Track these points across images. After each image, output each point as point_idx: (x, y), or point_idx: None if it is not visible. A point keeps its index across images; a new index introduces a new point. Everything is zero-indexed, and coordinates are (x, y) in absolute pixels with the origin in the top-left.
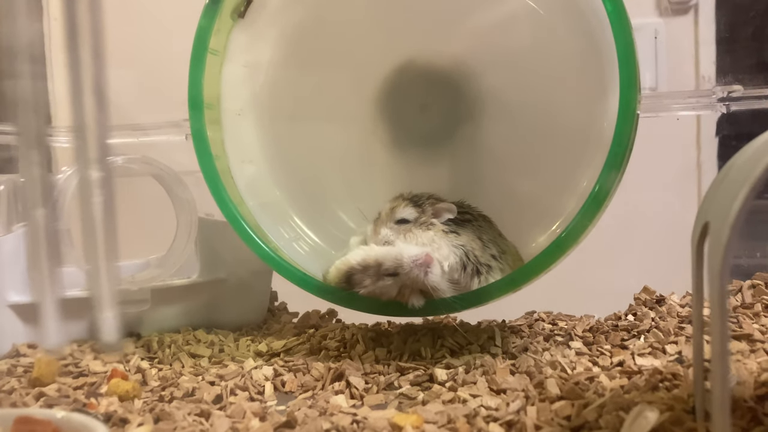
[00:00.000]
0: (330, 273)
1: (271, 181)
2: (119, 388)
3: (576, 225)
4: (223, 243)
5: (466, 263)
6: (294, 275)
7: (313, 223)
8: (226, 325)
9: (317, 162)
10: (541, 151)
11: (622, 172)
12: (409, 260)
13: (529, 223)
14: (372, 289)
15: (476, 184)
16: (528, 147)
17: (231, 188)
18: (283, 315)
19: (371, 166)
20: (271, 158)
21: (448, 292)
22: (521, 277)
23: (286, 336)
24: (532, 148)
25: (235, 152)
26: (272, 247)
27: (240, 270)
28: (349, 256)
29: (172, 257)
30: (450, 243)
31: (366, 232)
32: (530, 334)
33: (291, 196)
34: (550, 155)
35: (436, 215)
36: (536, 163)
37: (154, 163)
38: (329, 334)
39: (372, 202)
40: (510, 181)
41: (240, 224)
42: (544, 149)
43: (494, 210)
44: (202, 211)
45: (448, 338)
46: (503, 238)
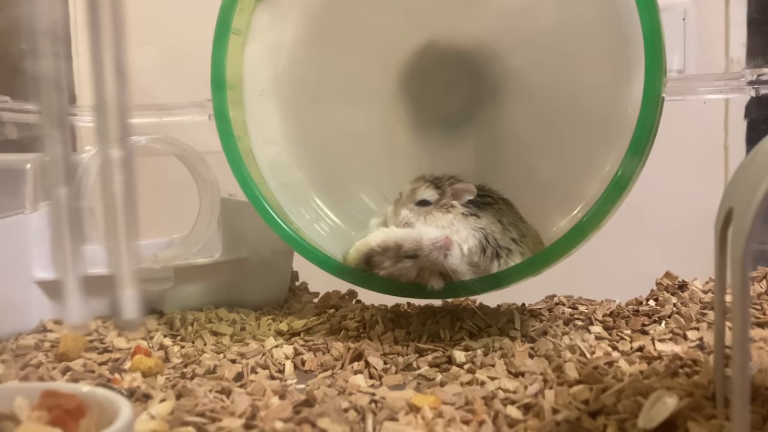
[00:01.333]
0: (350, 254)
1: (293, 161)
2: (142, 365)
3: (598, 209)
4: (244, 223)
5: (486, 246)
6: (314, 256)
7: (333, 204)
8: (248, 304)
9: (338, 143)
10: (563, 134)
11: (645, 156)
12: (428, 243)
13: (550, 206)
14: (391, 270)
15: (497, 166)
16: (550, 129)
17: (253, 168)
18: (303, 295)
19: (392, 147)
20: (292, 139)
21: (468, 274)
22: (541, 261)
23: (306, 316)
24: (555, 131)
25: (257, 133)
26: (293, 227)
27: (261, 250)
28: (369, 237)
29: (194, 236)
30: (470, 226)
31: (386, 213)
32: (550, 317)
33: (312, 176)
34: (572, 138)
35: (457, 197)
36: (558, 146)
37: (178, 143)
38: (349, 314)
39: (393, 184)
40: (532, 164)
41: (261, 204)
42: (566, 132)
43: (515, 193)
44: (225, 191)
45: (467, 321)
46: (524, 221)
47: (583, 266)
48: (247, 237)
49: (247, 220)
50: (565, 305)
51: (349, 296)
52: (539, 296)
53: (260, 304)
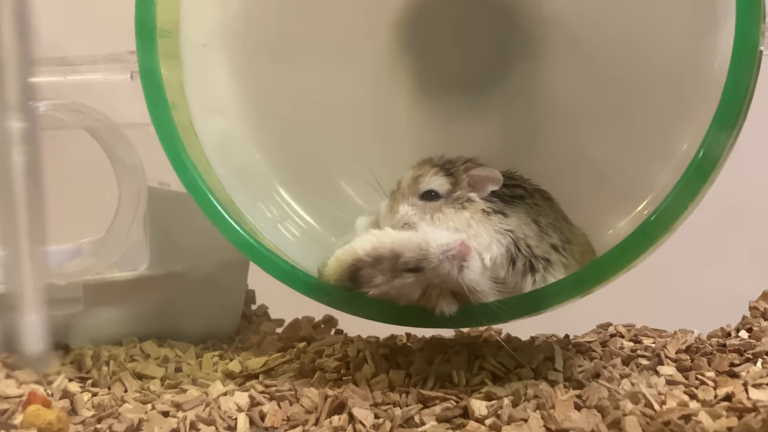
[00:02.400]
0: (329, 267)
1: (249, 138)
2: (39, 419)
3: (671, 205)
4: (181, 223)
5: (516, 256)
6: (278, 268)
7: (306, 198)
8: (186, 336)
9: (313, 114)
10: (623, 103)
11: (737, 131)
12: (437, 250)
13: (604, 201)
14: (386, 289)
15: (532, 146)
16: (606, 96)
17: (194, 148)
18: (263, 323)
19: (387, 119)
20: (249, 108)
21: (491, 294)
22: (593, 276)
23: (266, 351)
24: (612, 98)
25: (199, 99)
26: (249, 229)
27: (204, 261)
28: (356, 243)
29: (111, 242)
30: (494, 227)
31: (379, 210)
32: (603, 354)
33: (276, 159)
34: (635, 108)
35: (476, 188)
36: (617, 119)
37: (88, 112)
38: (326, 349)
39: (388, 170)
40: (579, 144)
41: (205, 198)
42: (627, 99)
43: (557, 183)
44: (154, 180)
45: (489, 359)
46: (568, 222)
47: (650, 284)
48: (185, 243)
49: (184, 220)
50: (625, 337)
51: (327, 325)
52: (589, 325)
53: (203, 335)
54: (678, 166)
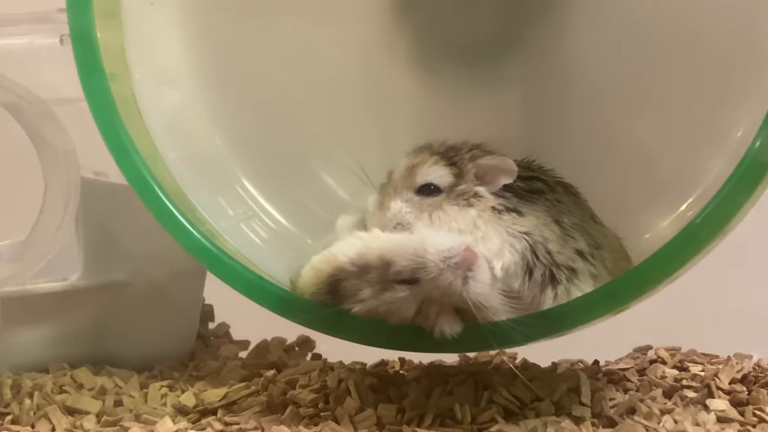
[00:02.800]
0: (303, 277)
1: (208, 118)
2: None
3: (723, 203)
4: (122, 223)
5: (533, 264)
6: (242, 279)
7: (276, 192)
8: (128, 361)
9: (287, 88)
10: (665, 76)
11: None
12: (437, 257)
13: (642, 197)
14: (374, 304)
15: (553, 130)
16: (644, 68)
17: (137, 129)
18: (222, 345)
19: (379, 96)
20: (208, 79)
21: (502, 311)
22: (628, 289)
23: (227, 381)
24: (651, 71)
25: (145, 68)
26: (206, 231)
27: (151, 269)
28: (337, 248)
29: (36, 245)
30: (506, 229)
31: (366, 207)
32: (641, 385)
33: (240, 144)
34: (680, 83)
35: (484, 181)
36: (657, 96)
37: (7, 86)
38: (301, 378)
39: (378, 157)
40: (612, 127)
41: (151, 191)
42: (670, 72)
43: (584, 174)
44: (89, 168)
45: (500, 390)
46: (597, 222)
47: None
48: (126, 246)
49: (125, 218)
50: (668, 364)
51: (302, 348)
52: (623, 349)
53: (148, 360)
54: (731, 156)
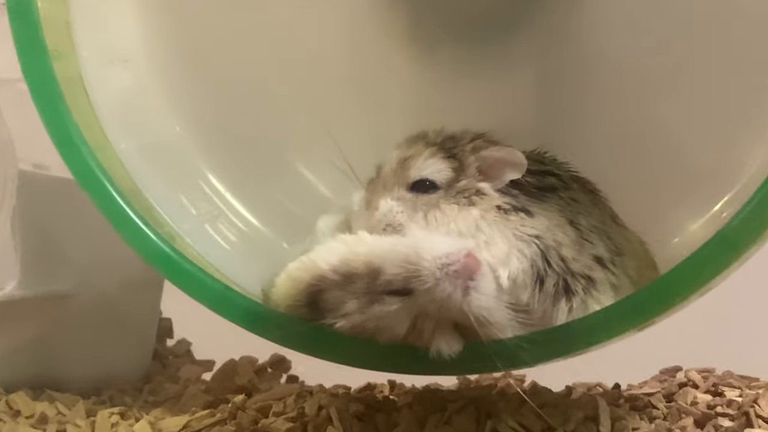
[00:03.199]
0: (278, 287)
1: (167, 102)
2: None
3: (765, 201)
4: (66, 223)
5: (545, 272)
6: (206, 289)
7: (246, 188)
8: (73, 384)
9: (259, 66)
10: (697, 51)
11: None
12: (433, 264)
13: (670, 194)
14: (360, 319)
15: (569, 115)
16: (671, 41)
17: (85, 115)
18: (183, 366)
19: (368, 76)
20: (167, 58)
21: (509, 327)
22: (654, 302)
23: (188, 407)
24: (680, 45)
25: (95, 44)
26: (165, 233)
27: (99, 278)
28: (317, 254)
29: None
30: (514, 232)
31: (351, 206)
32: (669, 412)
33: (205, 133)
34: (714, 58)
35: (489, 176)
36: (687, 75)
37: None
38: (274, 405)
39: (365, 148)
40: (635, 111)
41: (100, 187)
42: (703, 46)
43: (603, 168)
44: (27, 160)
45: (506, 418)
46: (619, 223)
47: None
48: (71, 252)
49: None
50: (700, 388)
51: (276, 369)
52: (649, 370)
53: (97, 383)
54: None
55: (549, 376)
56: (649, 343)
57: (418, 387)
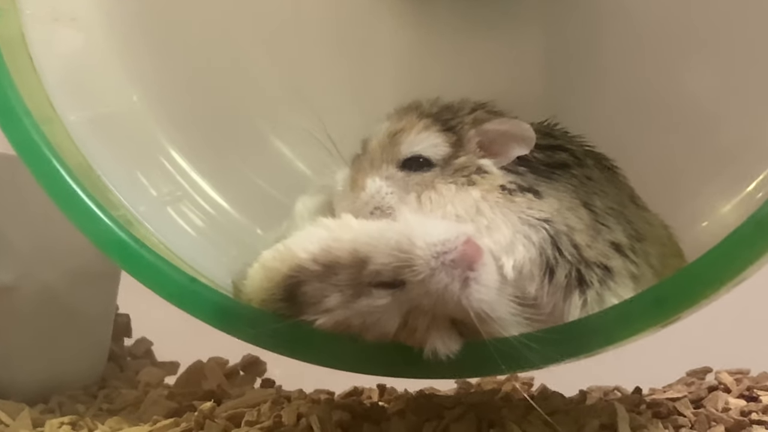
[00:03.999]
0: (251, 278)
1: (122, 67)
2: None
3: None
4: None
5: (555, 261)
6: (168, 281)
7: (213, 165)
8: (16, 390)
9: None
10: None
11: None
12: (427, 252)
13: (697, 172)
14: (344, 315)
15: (582, 82)
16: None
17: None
18: (144, 368)
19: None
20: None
21: (514, 324)
22: (679, 294)
23: (149, 416)
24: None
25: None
26: (120, 216)
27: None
28: (296, 241)
29: None
30: (519, 215)
31: (333, 186)
32: (697, 420)
33: (165, 103)
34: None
35: (491, 152)
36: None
37: None
38: (247, 413)
39: (349, 119)
40: (656, 78)
41: (46, 163)
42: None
43: (621, 142)
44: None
45: (511, 427)
46: (639, 205)
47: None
48: (13, 238)
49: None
50: (732, 392)
51: (248, 371)
52: (674, 372)
53: (44, 389)
54: None
55: (560, 380)
56: (674, 341)
57: (410, 392)
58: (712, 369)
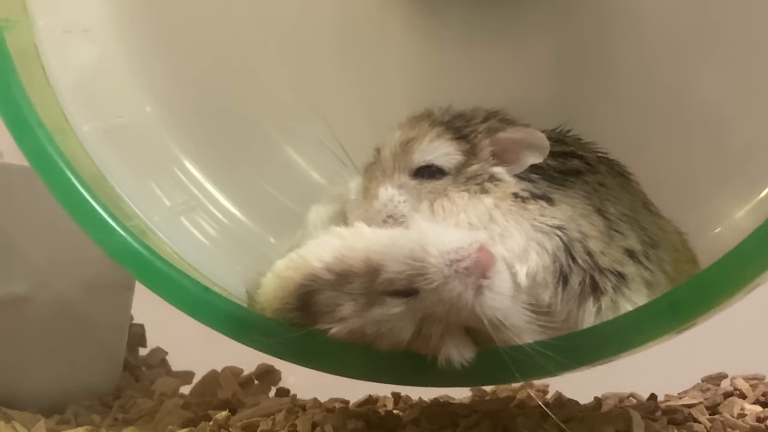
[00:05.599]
0: (265, 288)
1: (135, 78)
2: None
3: None
4: (21, 217)
5: (569, 268)
6: (182, 291)
7: (227, 175)
8: (32, 401)
9: (239, 39)
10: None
11: None
12: (441, 260)
13: (710, 177)
14: (358, 323)
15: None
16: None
17: (41, 93)
18: (158, 378)
19: (363, 46)
20: (134, 27)
21: (528, 331)
22: (693, 301)
23: (164, 426)
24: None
25: (52, 12)
26: (134, 227)
27: (60, 279)
28: (309, 250)
29: None
30: (532, 222)
31: (346, 194)
32: (713, 426)
33: (179, 113)
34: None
35: (504, 160)
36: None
37: None
38: (262, 422)
39: (361, 128)
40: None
41: (60, 175)
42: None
43: (634, 148)
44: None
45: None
46: (653, 211)
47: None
48: (27, 249)
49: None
50: (748, 398)
51: (263, 381)
52: (689, 379)
53: (60, 399)
54: None
55: (575, 387)
56: (690, 347)
57: (425, 400)
58: (728, 375)
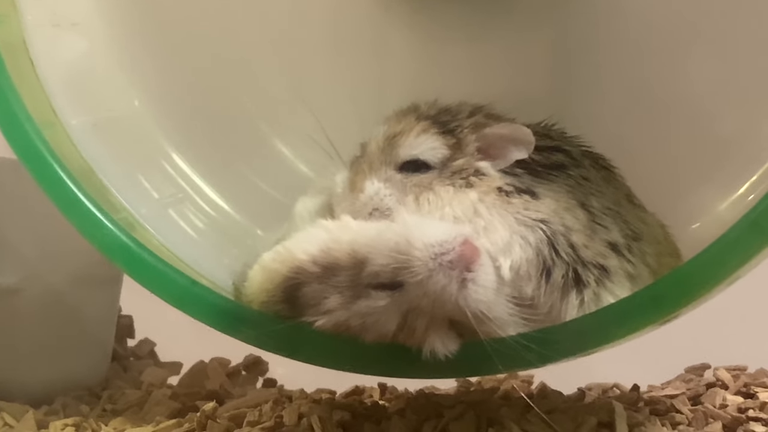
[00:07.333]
0: (252, 280)
1: (123, 72)
2: None
3: None
4: (10, 210)
5: (552, 261)
6: (170, 284)
7: (214, 168)
8: (20, 392)
9: (227, 32)
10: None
11: None
12: (425, 253)
13: (692, 171)
14: (344, 316)
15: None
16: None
17: (29, 87)
18: (146, 369)
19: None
20: (122, 21)
21: (511, 324)
22: (676, 293)
23: (152, 416)
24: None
25: (40, 6)
26: (122, 219)
27: (48, 271)
28: (295, 243)
29: None
30: (516, 216)
31: (332, 187)
32: (694, 417)
33: (167, 106)
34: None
35: (489, 154)
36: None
37: None
38: (249, 413)
39: (349, 122)
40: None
41: (47, 168)
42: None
43: (618, 142)
44: None
45: (510, 426)
46: (636, 205)
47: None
48: (16, 242)
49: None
50: (729, 389)
51: (250, 372)
52: (672, 369)
53: (48, 390)
54: None
55: (559, 378)
56: (672, 339)
57: (411, 391)
58: (710, 366)
